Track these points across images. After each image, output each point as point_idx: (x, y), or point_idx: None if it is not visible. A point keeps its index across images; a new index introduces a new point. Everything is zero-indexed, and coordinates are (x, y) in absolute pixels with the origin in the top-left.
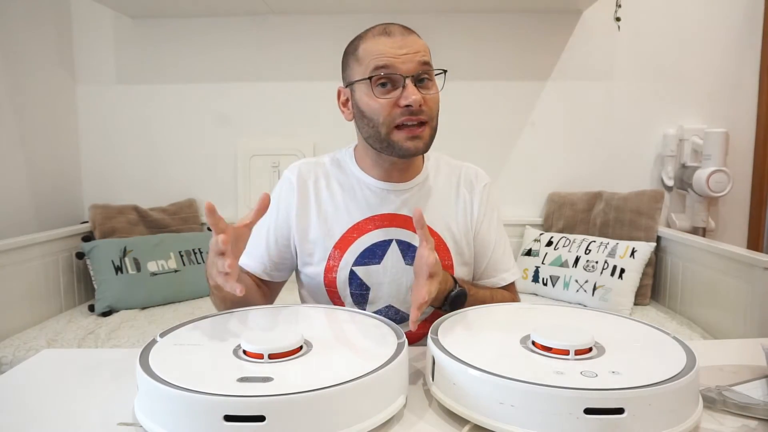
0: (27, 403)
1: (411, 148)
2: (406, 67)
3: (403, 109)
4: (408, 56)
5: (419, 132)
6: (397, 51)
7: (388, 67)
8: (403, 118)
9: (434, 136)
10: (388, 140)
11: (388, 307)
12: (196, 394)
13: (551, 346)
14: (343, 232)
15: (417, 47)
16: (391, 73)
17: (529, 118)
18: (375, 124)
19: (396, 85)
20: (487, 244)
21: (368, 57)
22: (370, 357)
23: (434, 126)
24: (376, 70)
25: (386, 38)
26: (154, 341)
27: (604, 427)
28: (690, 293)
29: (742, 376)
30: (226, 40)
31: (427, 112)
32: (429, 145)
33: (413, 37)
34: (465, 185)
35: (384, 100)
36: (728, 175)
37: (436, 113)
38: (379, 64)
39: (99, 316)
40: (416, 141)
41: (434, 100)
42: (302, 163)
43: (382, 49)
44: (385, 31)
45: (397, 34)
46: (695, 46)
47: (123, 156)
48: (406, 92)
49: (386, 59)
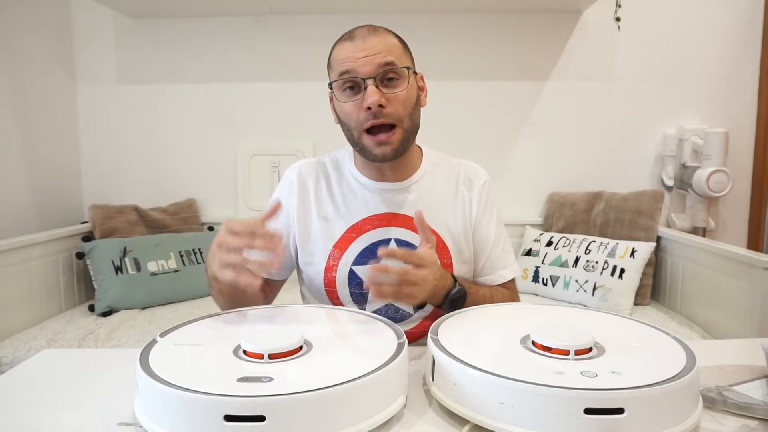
0: (27, 403)
1: (379, 155)
2: (364, 70)
3: (367, 112)
4: (367, 59)
5: (386, 138)
6: (357, 54)
7: (349, 71)
8: (369, 121)
9: (409, 137)
10: (361, 144)
11: (388, 306)
12: (196, 394)
13: (551, 346)
14: (342, 231)
15: (378, 48)
16: (352, 76)
17: (529, 118)
18: (349, 128)
19: (360, 89)
20: (486, 241)
21: (336, 63)
22: (370, 357)
23: (406, 127)
24: (340, 76)
25: (349, 43)
26: (154, 341)
27: (604, 427)
28: (690, 293)
29: (742, 376)
30: (226, 40)
31: (392, 113)
32: (401, 149)
33: (377, 38)
34: (464, 183)
35: (350, 103)
36: (728, 175)
37: (408, 113)
38: (342, 69)
39: (99, 316)
40: (384, 147)
41: (399, 98)
42: (303, 163)
43: (345, 54)
44: (349, 36)
45: (358, 37)
46: (695, 46)
47: (123, 156)
48: (365, 94)
49: (347, 64)
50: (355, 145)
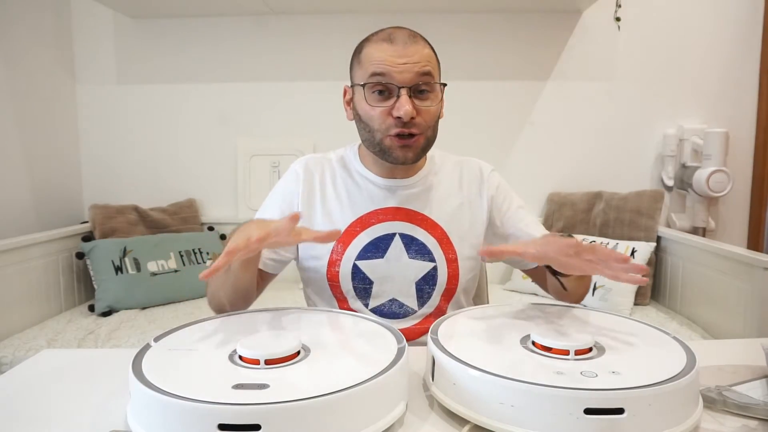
0: (26, 403)
1: (400, 157)
2: (402, 77)
3: (396, 120)
4: (407, 66)
5: (411, 142)
6: (396, 60)
7: (384, 75)
8: (396, 129)
9: (429, 145)
10: (381, 146)
11: (392, 301)
12: (189, 402)
13: (551, 346)
14: (346, 226)
15: (418, 57)
16: (387, 82)
17: (529, 118)
18: (370, 129)
19: (391, 94)
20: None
21: (368, 62)
22: (370, 362)
23: (429, 136)
24: (372, 77)
25: (388, 45)
26: (148, 346)
27: (604, 427)
28: (690, 293)
29: (742, 376)
30: (226, 40)
31: (420, 124)
32: (421, 155)
33: (417, 47)
34: (470, 179)
35: (378, 108)
36: (728, 175)
37: (432, 125)
38: (377, 71)
39: (99, 316)
40: (406, 150)
41: (430, 112)
42: (309, 157)
43: (382, 56)
44: (389, 38)
45: (399, 42)
46: (695, 46)
47: (123, 156)
48: (399, 103)
49: (384, 67)
50: (375, 145)
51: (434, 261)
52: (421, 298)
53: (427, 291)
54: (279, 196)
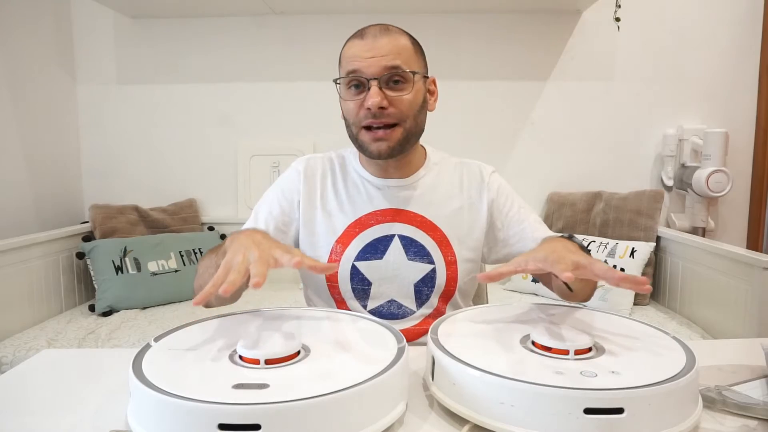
0: (26, 403)
1: (374, 151)
2: (370, 71)
3: (367, 111)
4: (374, 60)
5: (383, 135)
6: (365, 54)
7: (355, 70)
8: (368, 120)
9: (411, 137)
10: (358, 140)
11: (391, 302)
12: (189, 402)
13: (551, 346)
14: (345, 227)
15: (387, 50)
16: (357, 75)
17: (529, 118)
18: (349, 124)
19: (364, 88)
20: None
21: (344, 59)
22: (370, 362)
23: (408, 127)
24: (347, 74)
25: (359, 41)
26: (148, 346)
27: (604, 427)
28: (690, 293)
29: (742, 376)
30: (226, 40)
31: (394, 113)
32: (399, 148)
33: (387, 38)
34: (470, 181)
35: (353, 101)
36: (728, 175)
37: (411, 114)
38: (349, 68)
39: (99, 316)
40: (380, 143)
41: (404, 101)
42: (310, 157)
43: (354, 52)
44: (360, 34)
45: (369, 37)
46: (695, 46)
47: (123, 156)
48: (368, 95)
49: (355, 63)
50: (354, 141)
51: (433, 263)
52: (419, 299)
53: (426, 293)
54: (279, 192)
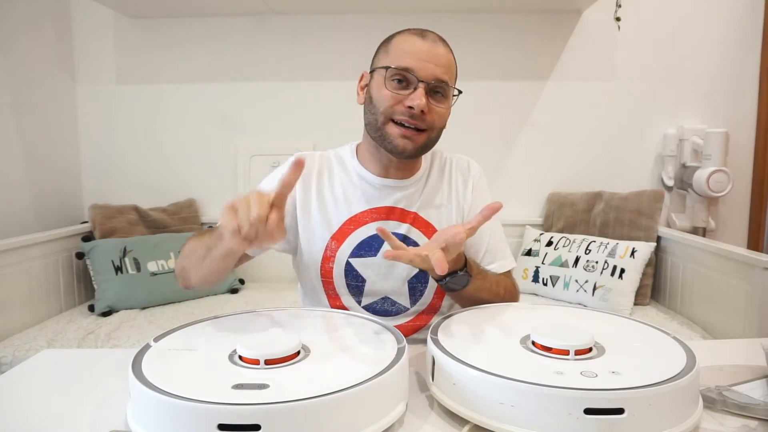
0: (26, 403)
1: (399, 146)
2: (424, 73)
3: (406, 109)
4: (431, 66)
5: (412, 134)
6: (424, 55)
7: (409, 68)
8: (403, 117)
9: (430, 146)
10: (383, 131)
11: (384, 299)
12: (189, 402)
13: (551, 346)
14: (340, 223)
15: (443, 61)
16: (410, 73)
17: (529, 118)
18: (375, 111)
19: (409, 86)
20: (484, 229)
21: (396, 50)
22: (370, 362)
23: (433, 137)
24: (398, 65)
25: (420, 40)
26: (148, 346)
27: (604, 427)
28: (690, 293)
29: (742, 376)
30: (226, 40)
31: (428, 121)
32: (420, 151)
33: (445, 51)
34: (456, 176)
35: (392, 93)
36: (728, 175)
37: (439, 126)
38: (404, 63)
39: (99, 316)
40: (406, 141)
41: (440, 113)
42: (308, 153)
43: (412, 48)
44: (421, 34)
45: (429, 40)
46: (695, 46)
47: (123, 156)
48: (414, 95)
49: (410, 59)
50: (376, 130)
51: None
52: (413, 296)
53: (420, 289)
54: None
